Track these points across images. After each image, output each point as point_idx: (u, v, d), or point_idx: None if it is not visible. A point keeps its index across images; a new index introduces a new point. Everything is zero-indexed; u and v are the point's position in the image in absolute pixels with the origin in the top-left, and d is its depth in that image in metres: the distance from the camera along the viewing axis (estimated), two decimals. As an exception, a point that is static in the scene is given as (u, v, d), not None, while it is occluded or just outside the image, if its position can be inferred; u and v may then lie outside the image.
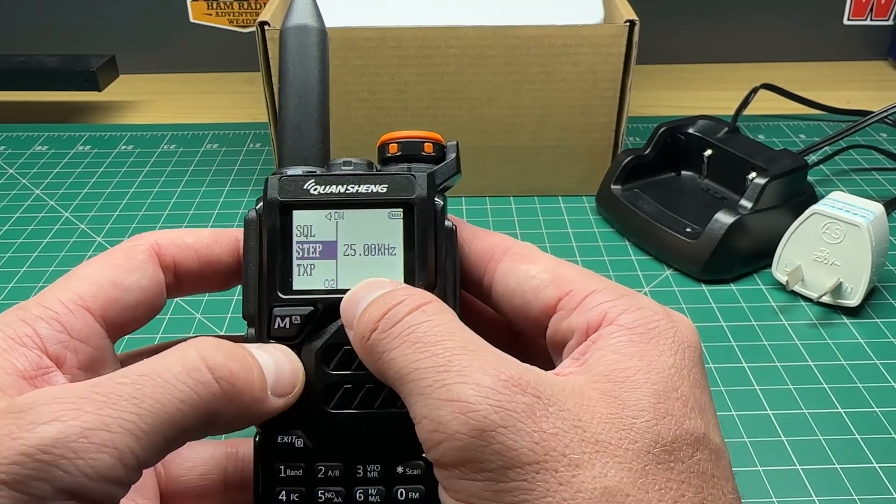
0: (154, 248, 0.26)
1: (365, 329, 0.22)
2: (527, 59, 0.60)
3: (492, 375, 0.20)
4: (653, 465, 0.20)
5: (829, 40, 0.94)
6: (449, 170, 0.26)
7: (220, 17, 0.91)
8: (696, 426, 0.21)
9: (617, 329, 0.22)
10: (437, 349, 0.20)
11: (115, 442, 0.19)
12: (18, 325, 0.23)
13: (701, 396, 0.22)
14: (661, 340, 0.22)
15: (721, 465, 0.21)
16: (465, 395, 0.19)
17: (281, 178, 0.26)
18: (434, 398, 0.20)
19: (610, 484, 0.19)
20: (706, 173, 0.63)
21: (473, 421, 0.19)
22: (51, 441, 0.19)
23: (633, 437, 0.20)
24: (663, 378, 0.21)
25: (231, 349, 0.22)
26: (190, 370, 0.21)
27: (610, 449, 0.20)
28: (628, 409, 0.20)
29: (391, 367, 0.21)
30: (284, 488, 0.25)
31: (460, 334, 0.21)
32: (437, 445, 0.20)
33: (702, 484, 0.20)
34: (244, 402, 0.22)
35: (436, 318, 0.21)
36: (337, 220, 0.25)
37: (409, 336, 0.21)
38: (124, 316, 0.25)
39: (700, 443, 0.21)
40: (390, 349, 0.21)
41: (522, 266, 0.26)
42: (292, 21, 0.28)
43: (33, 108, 0.84)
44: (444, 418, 0.19)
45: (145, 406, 0.20)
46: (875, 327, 0.51)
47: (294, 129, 0.27)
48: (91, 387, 0.20)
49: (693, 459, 0.20)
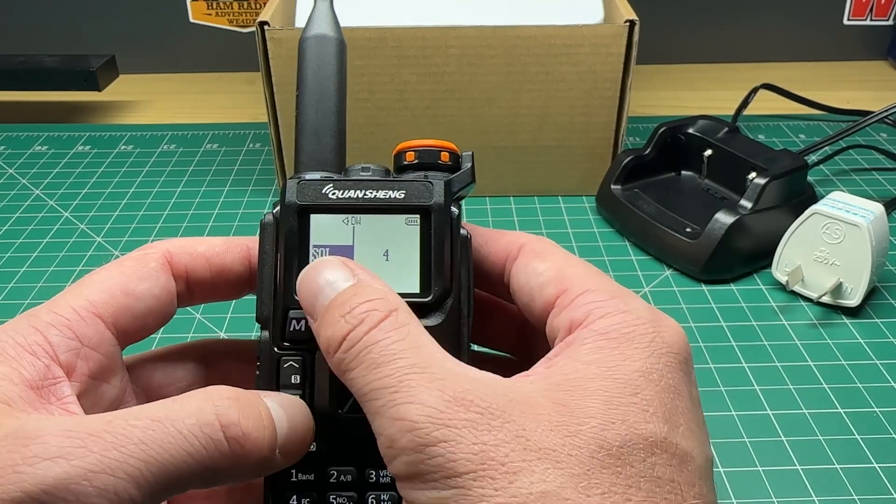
0: (166, 257, 0.26)
1: (328, 346, 0.23)
2: (527, 59, 0.60)
3: (436, 395, 0.20)
4: (596, 470, 0.20)
5: (829, 40, 0.94)
6: (465, 178, 0.27)
7: (220, 17, 0.91)
8: (654, 430, 0.21)
9: (589, 334, 0.23)
10: (389, 369, 0.21)
11: (117, 487, 0.19)
12: (29, 332, 0.23)
13: (672, 401, 0.22)
14: (633, 345, 0.23)
15: (686, 470, 0.21)
16: (410, 414, 0.20)
17: (299, 182, 0.26)
18: (387, 417, 0.21)
19: (548, 488, 0.19)
20: (706, 173, 0.63)
21: (417, 438, 0.20)
22: (53, 482, 0.19)
23: (576, 443, 0.20)
24: (620, 384, 0.22)
25: (247, 405, 0.22)
26: (203, 424, 0.21)
27: (552, 455, 0.20)
28: (575, 417, 0.21)
29: (353, 385, 0.22)
30: (296, 493, 0.25)
31: (413, 351, 0.22)
32: (392, 460, 0.21)
33: (654, 489, 0.20)
34: (249, 462, 0.22)
35: (392, 335, 0.22)
36: (354, 225, 0.26)
37: (366, 357, 0.22)
38: (135, 324, 0.25)
39: (657, 447, 0.21)
40: (350, 369, 0.22)
41: (533, 263, 0.26)
42: (312, 31, 0.29)
43: (33, 108, 0.84)
44: (394, 436, 0.20)
45: (152, 454, 0.20)
46: (875, 327, 0.51)
47: (312, 135, 0.28)
48: (102, 424, 0.20)
49: (645, 464, 0.20)
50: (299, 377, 0.25)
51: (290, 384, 0.25)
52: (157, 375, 0.28)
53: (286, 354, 0.25)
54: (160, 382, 0.28)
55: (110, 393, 0.25)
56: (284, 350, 0.25)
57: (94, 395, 0.24)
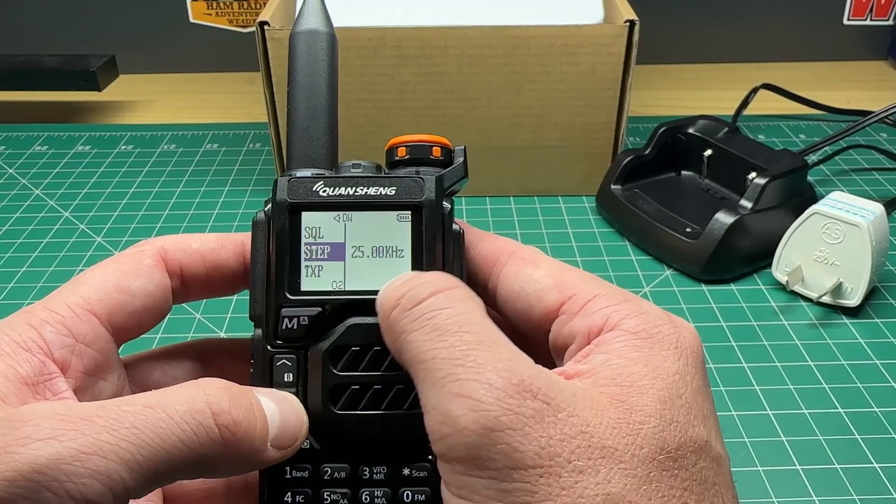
0: (160, 253, 0.26)
1: (387, 302, 0.22)
2: (527, 59, 0.60)
3: (504, 378, 0.20)
4: (657, 472, 0.20)
5: (829, 40, 0.94)
6: (457, 173, 0.27)
7: (220, 17, 0.91)
8: (700, 433, 0.21)
9: (621, 334, 0.23)
10: (455, 340, 0.21)
11: (108, 469, 0.19)
12: (24, 329, 0.23)
13: (703, 403, 0.22)
14: (665, 346, 0.22)
15: (722, 473, 0.21)
16: (476, 393, 0.20)
17: (290, 180, 0.26)
18: (446, 391, 0.20)
19: (613, 491, 0.19)
20: (706, 173, 0.63)
21: (483, 420, 0.19)
22: (45, 461, 0.19)
23: (639, 443, 0.20)
24: (668, 384, 0.21)
25: (238, 395, 0.22)
26: (194, 411, 0.21)
27: (616, 455, 0.20)
28: (635, 414, 0.20)
29: (408, 349, 0.21)
30: (290, 490, 0.25)
31: (480, 327, 0.21)
32: (445, 438, 0.20)
33: (703, 492, 0.20)
34: (241, 452, 0.22)
35: (458, 305, 0.21)
36: (345, 222, 0.26)
37: (430, 321, 0.21)
38: (130, 321, 0.25)
39: (703, 450, 0.21)
40: (409, 331, 0.21)
41: (527, 270, 0.26)
42: (302, 26, 0.28)
43: (33, 108, 0.84)
44: (454, 412, 0.20)
45: (144, 438, 0.20)
46: (875, 327, 0.51)
47: (303, 132, 0.28)
48: (95, 409, 0.20)
49: (696, 467, 0.21)
50: (292, 375, 0.25)
51: (283, 382, 0.25)
52: (154, 374, 0.28)
53: (279, 353, 0.25)
54: (158, 381, 0.28)
55: (107, 390, 0.25)
56: (277, 348, 0.25)
57: (91, 391, 0.24)
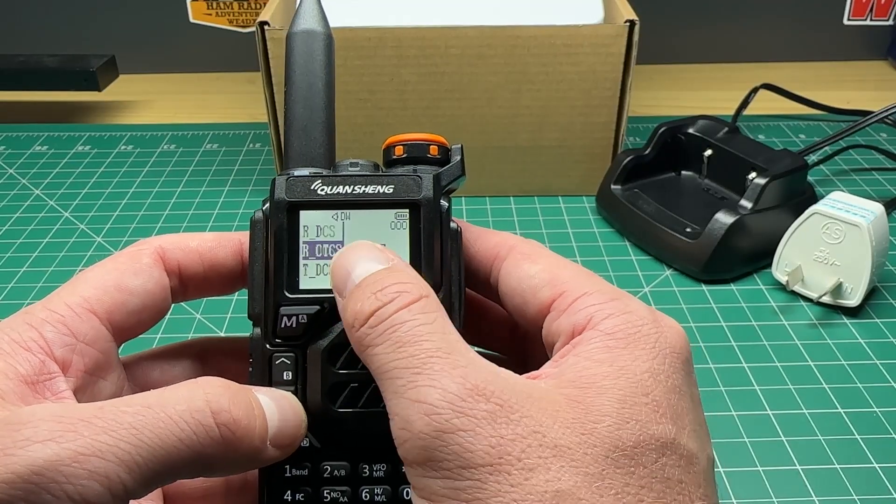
0: (159, 252, 0.27)
1: (354, 320, 0.23)
2: (527, 59, 0.60)
3: (458, 382, 0.20)
4: (611, 470, 0.20)
5: (829, 40, 0.94)
6: (454, 172, 0.27)
7: (220, 17, 0.91)
8: (665, 431, 0.21)
9: (596, 335, 0.23)
10: (414, 349, 0.21)
11: (107, 470, 0.19)
12: (24, 328, 0.23)
13: (678, 402, 0.22)
14: (640, 345, 0.23)
15: (692, 471, 0.21)
16: (431, 397, 0.20)
17: (288, 179, 0.26)
18: (405, 398, 0.21)
19: (563, 487, 0.19)
20: (706, 173, 0.63)
21: (435, 423, 0.20)
22: (43, 463, 0.19)
23: (592, 442, 0.20)
24: (632, 383, 0.22)
25: (237, 394, 0.22)
26: (193, 411, 0.21)
27: (568, 453, 0.20)
28: (591, 414, 0.21)
29: (373, 361, 0.22)
30: (290, 488, 0.25)
31: (439, 336, 0.22)
32: (404, 443, 0.21)
33: (665, 490, 0.20)
34: (241, 451, 0.22)
35: (420, 317, 0.22)
36: (343, 221, 0.26)
37: (392, 334, 0.22)
38: (130, 319, 0.25)
39: (667, 448, 0.21)
40: (374, 345, 0.22)
41: (524, 265, 0.26)
42: (299, 26, 0.28)
43: (33, 108, 0.84)
44: (411, 417, 0.20)
45: (143, 438, 0.20)
46: (875, 327, 0.51)
47: (300, 131, 0.28)
48: (94, 410, 0.20)
49: (657, 465, 0.21)
50: (291, 373, 0.25)
51: (283, 380, 0.25)
52: (154, 373, 0.28)
53: (278, 351, 0.25)
54: (157, 380, 0.28)
55: (107, 390, 0.25)
56: (276, 347, 0.25)
57: (91, 391, 0.24)
